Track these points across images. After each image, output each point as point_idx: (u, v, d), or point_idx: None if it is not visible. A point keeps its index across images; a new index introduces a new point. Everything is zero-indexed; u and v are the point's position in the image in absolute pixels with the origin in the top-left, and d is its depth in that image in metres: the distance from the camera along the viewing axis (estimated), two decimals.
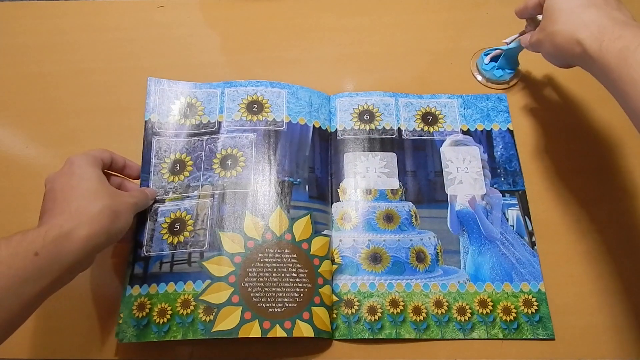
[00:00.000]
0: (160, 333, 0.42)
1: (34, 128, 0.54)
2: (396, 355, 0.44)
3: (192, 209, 0.47)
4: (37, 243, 0.33)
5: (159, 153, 0.49)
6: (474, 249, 0.48)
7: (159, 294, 0.43)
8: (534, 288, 0.46)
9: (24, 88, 0.57)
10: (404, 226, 0.49)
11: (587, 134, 0.55)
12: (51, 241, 0.33)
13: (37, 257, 0.32)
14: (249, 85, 0.53)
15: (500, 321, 0.44)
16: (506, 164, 0.52)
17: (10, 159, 0.52)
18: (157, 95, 0.52)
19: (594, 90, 0.57)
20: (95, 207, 0.36)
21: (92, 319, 0.45)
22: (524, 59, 0.58)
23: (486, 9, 0.64)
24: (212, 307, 0.42)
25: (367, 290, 0.46)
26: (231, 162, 0.49)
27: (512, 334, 0.44)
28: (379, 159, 0.52)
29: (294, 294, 0.43)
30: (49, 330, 0.44)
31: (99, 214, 0.36)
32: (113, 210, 0.38)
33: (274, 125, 0.51)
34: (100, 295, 0.46)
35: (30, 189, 0.50)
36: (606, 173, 0.52)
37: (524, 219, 0.49)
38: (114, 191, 0.40)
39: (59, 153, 0.53)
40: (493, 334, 0.44)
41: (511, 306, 0.45)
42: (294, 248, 0.45)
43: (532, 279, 0.46)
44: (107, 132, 0.54)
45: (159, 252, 0.45)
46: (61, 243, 0.34)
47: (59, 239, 0.34)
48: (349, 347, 0.44)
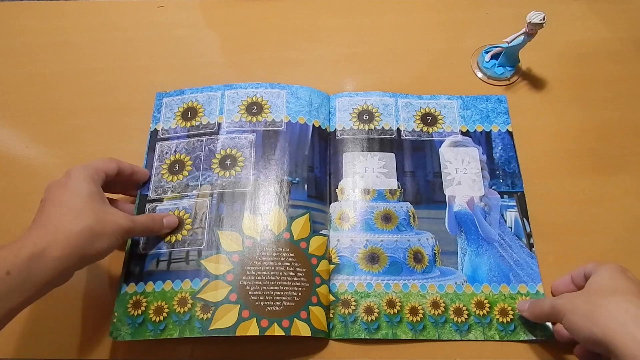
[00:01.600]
0: (156, 331, 0.42)
1: (34, 128, 0.54)
2: (393, 355, 0.44)
3: (190, 208, 0.47)
4: (9, 261, 0.32)
5: (160, 156, 0.50)
6: (472, 250, 0.47)
7: (156, 292, 0.43)
8: (531, 290, 0.46)
9: (24, 88, 0.57)
10: (402, 227, 0.49)
11: (587, 133, 0.55)
12: (24, 260, 0.33)
13: (9, 276, 0.32)
14: (248, 87, 0.53)
15: (497, 322, 0.44)
16: (505, 165, 0.52)
17: (10, 159, 0.52)
18: (163, 108, 0.53)
19: (595, 90, 0.58)
20: (76, 227, 0.36)
21: (87, 319, 0.45)
22: (524, 57, 0.58)
23: (486, 9, 0.64)
24: (209, 305, 0.42)
25: (364, 290, 0.45)
26: (230, 162, 0.49)
27: (508, 336, 0.44)
28: (377, 159, 0.51)
29: (292, 292, 0.43)
30: (43, 330, 0.44)
31: (77, 234, 0.35)
32: (94, 232, 0.36)
33: (272, 126, 0.51)
34: (95, 296, 0.46)
35: (30, 189, 0.50)
36: (606, 174, 0.52)
37: (522, 220, 0.49)
38: (105, 210, 0.39)
39: (59, 153, 0.53)
40: (490, 335, 0.44)
41: (508, 308, 0.45)
42: (292, 247, 0.45)
43: (530, 281, 0.46)
44: (107, 132, 0.54)
45: (156, 250, 0.45)
46: (34, 262, 0.33)
47: (31, 258, 0.33)
48: (345, 347, 0.44)
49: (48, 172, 0.51)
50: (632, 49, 0.60)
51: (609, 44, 0.61)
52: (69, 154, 0.53)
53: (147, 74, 0.56)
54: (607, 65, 0.59)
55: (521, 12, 0.52)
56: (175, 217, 0.46)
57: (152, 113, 0.53)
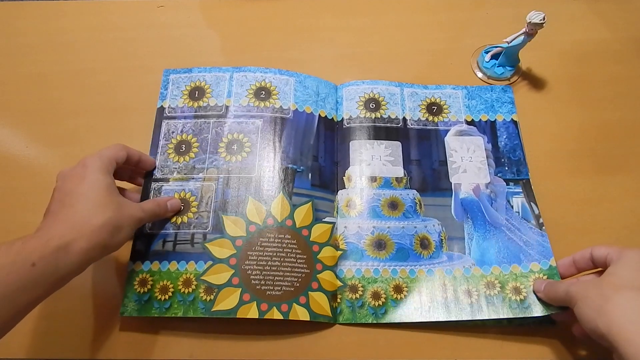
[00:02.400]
0: (162, 309, 0.42)
1: (34, 128, 0.54)
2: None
3: (196, 190, 0.47)
4: (36, 253, 0.33)
5: (167, 135, 0.50)
6: (479, 235, 0.48)
7: (162, 272, 0.44)
8: (544, 266, 0.45)
9: (24, 88, 0.57)
10: (409, 213, 0.49)
11: (587, 133, 0.55)
12: (50, 252, 0.34)
13: (34, 267, 0.33)
14: (257, 72, 0.54)
15: (510, 300, 0.44)
16: (510, 153, 0.52)
17: (10, 159, 0.52)
18: (170, 84, 0.53)
19: (595, 90, 0.58)
20: (99, 220, 0.37)
21: (93, 318, 0.44)
22: (524, 57, 0.58)
23: (486, 9, 0.64)
24: (212, 288, 0.43)
25: (372, 275, 0.46)
26: (237, 147, 0.50)
27: (522, 313, 0.43)
28: (384, 147, 0.52)
29: (292, 278, 0.44)
30: (49, 330, 0.44)
31: (100, 227, 0.36)
32: (115, 224, 0.38)
33: (280, 113, 0.51)
34: (101, 294, 0.45)
35: (30, 189, 0.50)
36: (606, 174, 0.52)
37: (529, 205, 0.49)
38: (121, 203, 0.39)
39: (58, 153, 0.52)
40: (504, 313, 0.43)
41: (521, 286, 0.44)
42: (294, 234, 0.46)
43: (543, 258, 0.46)
44: (107, 132, 0.53)
45: (162, 230, 0.45)
46: (60, 254, 0.34)
47: (58, 250, 0.34)
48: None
49: (48, 172, 0.51)
50: (632, 49, 0.61)
51: (609, 44, 0.61)
52: (69, 154, 0.52)
53: (147, 74, 0.56)
54: (607, 65, 0.60)
55: (521, 12, 0.52)
56: (178, 200, 0.46)
57: (153, 112, 0.52)
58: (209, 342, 0.43)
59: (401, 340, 0.44)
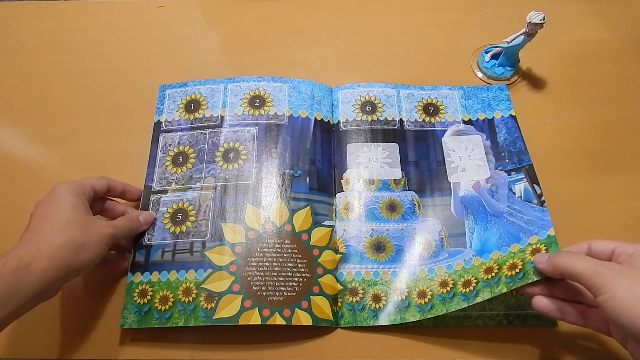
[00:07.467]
0: (162, 319, 0.42)
1: (34, 128, 0.54)
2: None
3: (194, 200, 0.48)
4: None
5: (164, 147, 0.51)
6: (480, 227, 0.47)
7: (161, 282, 0.44)
8: (542, 237, 0.45)
9: (24, 88, 0.57)
10: (407, 215, 0.49)
11: (587, 133, 0.54)
12: (9, 273, 0.33)
13: None
14: (251, 81, 0.54)
15: (505, 277, 0.42)
16: (510, 146, 0.51)
17: (10, 159, 0.52)
18: (166, 99, 0.54)
19: (595, 90, 0.58)
20: (59, 239, 0.36)
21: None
22: (524, 57, 0.58)
23: (486, 9, 0.64)
24: (213, 295, 0.43)
25: (372, 278, 0.45)
26: (233, 155, 0.50)
27: (516, 284, 0.40)
28: (381, 149, 0.52)
29: (293, 283, 0.44)
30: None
31: (61, 246, 0.36)
32: (79, 243, 0.37)
33: (275, 119, 0.52)
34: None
35: (30, 189, 0.49)
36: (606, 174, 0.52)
37: (532, 186, 0.49)
38: (88, 220, 0.39)
39: (59, 153, 0.53)
40: (498, 290, 0.41)
41: (518, 261, 0.43)
42: (293, 239, 0.46)
43: (541, 230, 0.45)
44: (107, 132, 0.54)
45: (160, 241, 0.46)
46: (19, 275, 0.34)
47: (17, 271, 0.33)
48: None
49: (48, 172, 0.51)
50: (632, 49, 0.61)
51: (609, 44, 0.61)
52: (69, 154, 0.52)
53: (147, 74, 0.56)
54: (607, 65, 0.59)
55: (521, 12, 0.52)
56: (150, 213, 0.46)
57: (153, 112, 0.53)
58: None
59: (401, 341, 0.43)
